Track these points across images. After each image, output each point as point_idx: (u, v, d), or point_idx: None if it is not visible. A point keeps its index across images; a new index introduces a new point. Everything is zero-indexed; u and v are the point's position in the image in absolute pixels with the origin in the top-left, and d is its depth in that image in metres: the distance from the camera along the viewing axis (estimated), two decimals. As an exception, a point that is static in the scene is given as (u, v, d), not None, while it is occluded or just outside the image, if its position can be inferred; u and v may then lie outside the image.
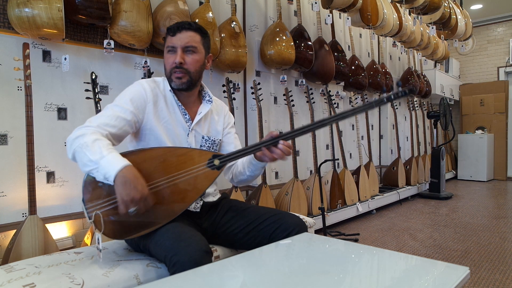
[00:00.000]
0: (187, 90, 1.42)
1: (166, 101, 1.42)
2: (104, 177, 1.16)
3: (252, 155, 1.38)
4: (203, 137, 1.48)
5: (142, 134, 1.39)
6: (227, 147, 1.57)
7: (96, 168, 1.16)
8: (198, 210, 1.43)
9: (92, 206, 1.21)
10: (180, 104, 1.43)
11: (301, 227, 1.36)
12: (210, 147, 1.50)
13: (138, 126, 1.37)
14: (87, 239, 1.97)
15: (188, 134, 1.44)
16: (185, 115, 1.44)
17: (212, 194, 1.51)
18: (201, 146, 1.47)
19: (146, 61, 2.35)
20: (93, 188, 1.22)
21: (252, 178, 1.49)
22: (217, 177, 1.33)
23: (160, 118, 1.39)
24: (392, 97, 1.29)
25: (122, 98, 1.34)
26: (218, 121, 1.55)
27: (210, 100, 1.51)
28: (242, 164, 1.49)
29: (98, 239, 1.21)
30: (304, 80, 3.55)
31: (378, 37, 4.91)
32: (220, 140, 1.54)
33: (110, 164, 1.15)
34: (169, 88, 1.42)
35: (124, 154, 1.23)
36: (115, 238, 1.24)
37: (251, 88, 2.93)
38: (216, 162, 1.30)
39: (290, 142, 1.33)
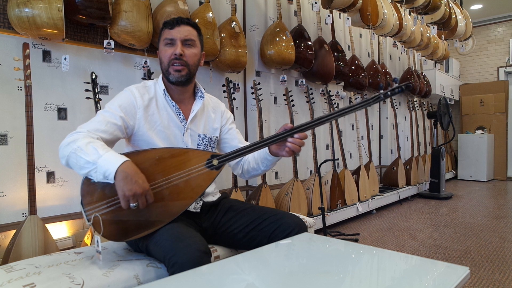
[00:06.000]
0: (185, 85, 1.40)
1: (157, 104, 1.40)
2: (103, 176, 1.15)
3: (267, 149, 1.39)
4: (199, 136, 1.47)
5: (135, 140, 1.38)
6: (231, 142, 1.56)
7: (94, 169, 1.14)
8: (198, 210, 1.43)
9: (91, 208, 1.20)
10: (174, 103, 1.41)
11: (301, 227, 1.36)
12: (207, 145, 1.49)
13: (129, 132, 1.36)
14: (87, 239, 1.97)
15: (183, 133, 1.42)
16: (179, 114, 1.42)
17: (212, 194, 1.50)
18: (198, 145, 1.46)
19: (146, 61, 2.35)
20: (92, 190, 1.21)
21: (265, 171, 1.50)
22: (216, 177, 1.33)
23: (151, 122, 1.38)
24: (389, 93, 1.32)
25: (111, 104, 1.34)
26: (215, 118, 1.53)
27: (202, 96, 1.48)
28: (254, 160, 1.49)
29: (97, 241, 1.21)
30: (304, 80, 3.55)
31: (378, 37, 4.91)
32: (217, 137, 1.53)
33: (108, 162, 1.14)
34: (162, 88, 1.40)
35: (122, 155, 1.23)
36: (115, 240, 1.24)
37: (251, 88, 2.93)
38: (215, 162, 1.30)
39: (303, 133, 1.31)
